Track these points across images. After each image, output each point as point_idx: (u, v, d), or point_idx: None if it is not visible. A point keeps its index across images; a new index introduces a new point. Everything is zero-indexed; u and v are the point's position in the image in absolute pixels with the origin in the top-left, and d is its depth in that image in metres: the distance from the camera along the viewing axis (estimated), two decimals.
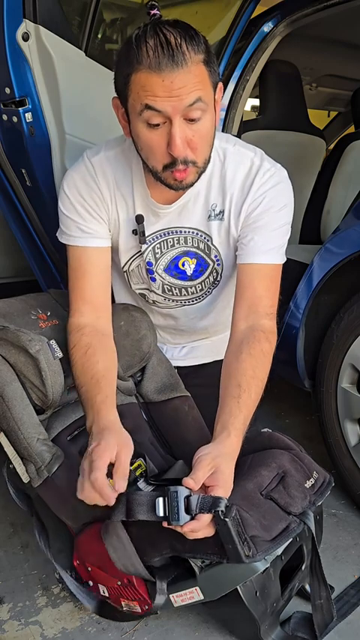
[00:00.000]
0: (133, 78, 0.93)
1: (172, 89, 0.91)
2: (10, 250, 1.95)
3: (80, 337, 1.12)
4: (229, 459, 0.94)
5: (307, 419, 1.95)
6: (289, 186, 1.15)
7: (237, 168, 1.13)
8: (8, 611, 1.19)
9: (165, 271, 1.24)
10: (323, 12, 1.76)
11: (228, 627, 1.12)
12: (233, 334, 1.13)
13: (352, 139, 2.23)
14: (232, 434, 0.96)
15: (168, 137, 0.95)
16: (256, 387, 1.03)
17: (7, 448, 1.11)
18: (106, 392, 1.05)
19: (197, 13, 1.82)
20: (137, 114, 0.96)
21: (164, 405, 1.32)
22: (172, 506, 0.88)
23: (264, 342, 1.08)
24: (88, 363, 1.08)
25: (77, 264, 1.17)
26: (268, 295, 1.13)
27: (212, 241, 1.20)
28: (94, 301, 1.17)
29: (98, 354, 1.10)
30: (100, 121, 1.39)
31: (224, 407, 1.01)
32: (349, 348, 1.40)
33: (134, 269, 1.27)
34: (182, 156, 0.97)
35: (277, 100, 2.24)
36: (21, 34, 1.35)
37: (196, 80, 0.92)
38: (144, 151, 1.02)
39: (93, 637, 1.13)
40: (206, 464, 0.91)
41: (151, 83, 0.91)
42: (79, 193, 1.15)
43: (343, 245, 1.38)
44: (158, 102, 0.92)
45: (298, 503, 0.98)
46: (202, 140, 0.99)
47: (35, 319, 1.20)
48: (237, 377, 1.03)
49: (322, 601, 1.06)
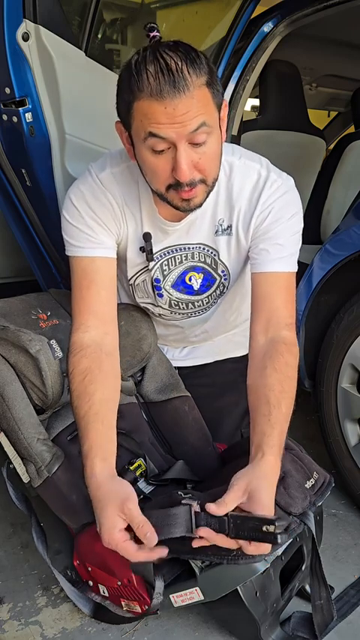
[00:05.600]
0: (135, 106, 0.91)
1: (175, 116, 0.88)
2: (10, 250, 1.95)
3: (80, 360, 1.04)
4: (266, 483, 0.89)
5: (307, 419, 1.95)
6: (296, 194, 1.13)
7: (244, 182, 1.11)
8: (8, 611, 1.19)
9: (172, 287, 1.23)
10: (323, 12, 1.76)
11: (228, 627, 1.12)
12: (253, 349, 1.09)
13: (352, 139, 2.23)
14: (267, 453, 0.92)
15: (173, 162, 0.93)
16: (286, 401, 0.99)
17: (7, 448, 1.11)
18: (92, 437, 0.96)
19: (197, 13, 1.82)
20: (141, 141, 0.94)
21: (164, 405, 1.32)
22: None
23: (287, 354, 1.04)
24: (85, 392, 1.01)
25: (83, 274, 1.11)
26: (286, 305, 1.10)
27: (219, 256, 1.18)
28: (101, 314, 1.10)
29: (97, 381, 1.02)
30: (101, 121, 1.39)
31: (256, 427, 0.97)
32: (349, 348, 1.40)
33: (140, 283, 1.25)
34: (188, 180, 0.95)
35: (277, 100, 2.24)
36: (21, 34, 1.34)
37: (200, 105, 0.90)
38: (148, 175, 1.00)
39: (93, 637, 1.12)
40: (238, 488, 0.87)
41: (154, 111, 0.89)
42: (89, 206, 1.11)
43: (343, 245, 1.38)
44: (162, 129, 0.90)
45: (298, 504, 0.98)
46: (209, 162, 0.97)
47: (35, 319, 1.20)
48: (266, 394, 0.99)
49: (322, 601, 1.06)
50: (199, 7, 1.82)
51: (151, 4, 1.82)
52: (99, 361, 1.05)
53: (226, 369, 1.44)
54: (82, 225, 1.11)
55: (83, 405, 0.99)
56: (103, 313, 1.10)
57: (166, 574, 1.00)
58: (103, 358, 1.06)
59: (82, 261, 1.12)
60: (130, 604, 1.06)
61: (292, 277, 1.13)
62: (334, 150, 2.34)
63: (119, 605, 1.08)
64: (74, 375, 1.03)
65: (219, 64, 1.84)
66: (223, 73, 1.88)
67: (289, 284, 1.12)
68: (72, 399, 1.02)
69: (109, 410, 1.01)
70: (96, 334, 1.08)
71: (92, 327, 1.08)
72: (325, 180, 2.31)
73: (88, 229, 1.11)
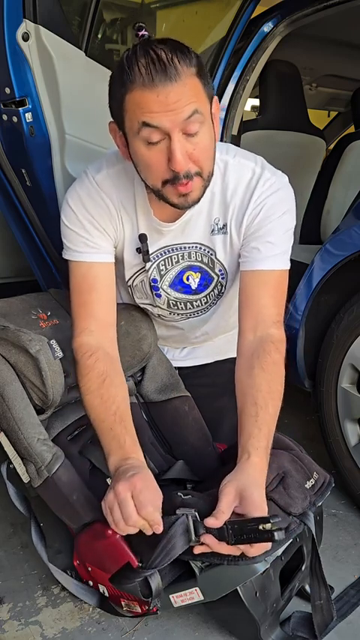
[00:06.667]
0: (127, 98, 0.92)
1: (168, 104, 0.89)
2: (10, 250, 1.95)
3: (94, 363, 1.07)
4: (254, 482, 0.91)
5: (307, 419, 1.95)
6: (289, 192, 1.13)
7: (238, 181, 1.11)
8: (8, 611, 1.19)
9: (170, 287, 1.23)
10: (323, 12, 1.76)
11: (228, 627, 1.12)
12: (241, 347, 1.10)
13: (352, 139, 2.22)
14: (253, 454, 0.94)
15: (168, 153, 0.93)
16: (273, 401, 1.01)
17: (7, 448, 1.11)
18: (132, 432, 1.03)
19: (197, 13, 1.82)
20: (135, 133, 0.94)
21: (164, 405, 1.32)
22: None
23: (274, 353, 1.05)
24: (108, 395, 1.05)
25: (83, 279, 1.13)
26: (274, 303, 1.11)
27: (216, 255, 1.18)
28: (102, 318, 1.13)
29: (115, 384, 1.07)
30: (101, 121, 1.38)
31: (243, 429, 0.99)
32: (349, 348, 1.40)
33: (138, 284, 1.25)
34: (184, 170, 0.95)
35: (277, 100, 2.24)
36: (21, 34, 1.34)
37: (191, 93, 0.91)
38: (143, 171, 1.00)
39: (93, 637, 1.12)
40: (229, 492, 0.89)
41: (146, 100, 0.90)
42: (86, 209, 1.12)
43: (343, 245, 1.38)
44: (155, 118, 0.90)
45: (298, 504, 0.98)
46: (203, 153, 0.97)
47: (35, 319, 1.20)
48: (252, 394, 1.01)
49: (322, 601, 1.06)
50: (199, 7, 1.82)
51: (151, 4, 1.82)
52: (111, 363, 1.10)
53: (226, 369, 1.43)
54: (80, 229, 1.12)
55: (110, 405, 1.03)
56: (104, 318, 1.13)
57: (167, 575, 1.00)
58: (112, 360, 1.11)
59: (81, 266, 1.13)
60: (130, 604, 1.06)
61: (284, 275, 1.13)
62: (334, 150, 2.34)
63: (119, 605, 1.08)
64: (92, 378, 1.06)
65: (219, 64, 1.83)
66: (223, 73, 1.88)
67: (279, 282, 1.12)
68: (91, 399, 1.05)
69: (129, 408, 1.07)
70: (99, 337, 1.11)
71: (95, 331, 1.11)
72: (325, 180, 2.30)
73: (86, 233, 1.12)
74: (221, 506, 0.88)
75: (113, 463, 0.98)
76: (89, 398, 1.05)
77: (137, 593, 0.99)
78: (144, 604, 1.03)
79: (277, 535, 0.82)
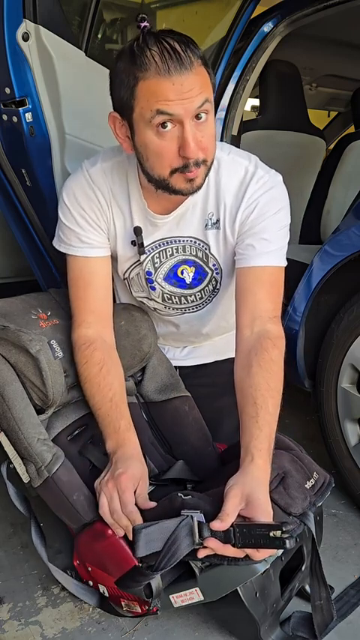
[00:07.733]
0: (140, 86, 0.93)
1: (183, 92, 0.92)
2: (10, 250, 1.95)
3: (92, 353, 1.13)
4: (259, 485, 0.91)
5: (307, 419, 1.95)
6: (283, 189, 1.14)
7: (231, 177, 1.13)
8: (8, 611, 1.19)
9: (164, 280, 1.24)
10: (323, 12, 1.76)
11: (228, 627, 1.12)
12: (239, 344, 1.11)
13: (352, 139, 2.22)
14: (256, 456, 0.94)
15: (179, 141, 0.96)
16: (273, 399, 1.01)
17: (7, 448, 1.11)
18: (127, 416, 1.10)
19: (197, 13, 1.82)
20: (147, 122, 0.96)
21: (164, 405, 1.32)
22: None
23: (272, 349, 1.06)
24: (105, 383, 1.11)
25: (79, 274, 1.18)
26: (270, 298, 1.11)
27: (210, 250, 1.19)
28: (98, 311, 1.18)
29: (113, 372, 1.13)
30: (100, 121, 1.39)
31: (244, 429, 0.99)
32: (349, 348, 1.40)
33: (134, 277, 1.26)
34: (195, 157, 0.98)
35: (277, 100, 2.24)
36: (21, 34, 1.34)
37: (202, 82, 0.94)
38: (150, 161, 1.01)
39: (93, 637, 1.12)
40: (235, 495, 0.89)
41: (162, 88, 0.92)
42: (79, 204, 1.15)
43: (343, 245, 1.38)
44: (171, 105, 0.93)
45: (298, 504, 0.98)
46: (210, 140, 1.00)
47: (36, 319, 1.20)
48: (252, 394, 1.01)
49: (322, 601, 1.06)
50: (199, 7, 1.82)
51: (151, 4, 1.82)
52: (108, 353, 1.16)
53: (226, 369, 1.43)
54: (73, 224, 1.16)
55: (107, 392, 1.11)
56: (101, 311, 1.19)
57: (167, 575, 1.00)
58: (110, 350, 1.17)
59: (77, 261, 1.18)
60: (130, 604, 1.06)
61: (279, 271, 1.14)
62: (334, 150, 2.34)
63: (119, 605, 1.08)
64: (89, 366, 1.12)
65: (219, 64, 1.84)
66: (223, 73, 1.88)
67: (275, 278, 1.13)
68: (90, 387, 1.12)
69: (125, 396, 1.14)
70: (97, 329, 1.16)
71: (93, 324, 1.17)
72: (325, 180, 2.30)
73: (79, 228, 1.16)
74: (227, 509, 0.88)
75: (109, 447, 1.08)
76: (88, 386, 1.13)
77: (140, 594, 1.00)
78: (144, 604, 1.03)
79: (288, 543, 0.83)
